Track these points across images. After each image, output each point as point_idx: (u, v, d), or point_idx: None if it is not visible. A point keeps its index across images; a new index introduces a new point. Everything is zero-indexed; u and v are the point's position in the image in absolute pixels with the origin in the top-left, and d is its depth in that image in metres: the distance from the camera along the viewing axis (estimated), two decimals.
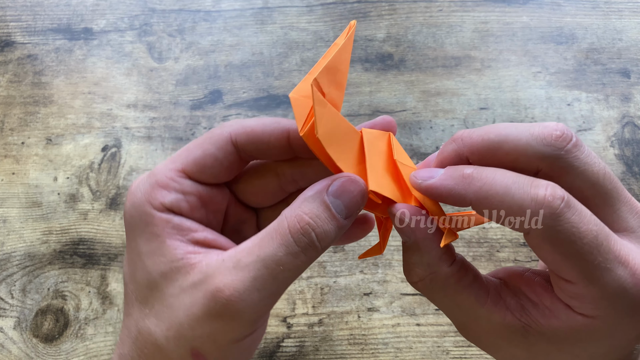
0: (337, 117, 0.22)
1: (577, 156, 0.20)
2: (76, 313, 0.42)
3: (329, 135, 0.21)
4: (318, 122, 0.20)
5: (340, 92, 0.22)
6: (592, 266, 0.19)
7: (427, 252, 0.22)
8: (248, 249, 0.21)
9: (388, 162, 0.23)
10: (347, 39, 0.22)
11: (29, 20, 0.56)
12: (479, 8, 0.56)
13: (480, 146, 0.21)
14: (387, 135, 0.24)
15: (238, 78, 0.52)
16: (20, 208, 0.46)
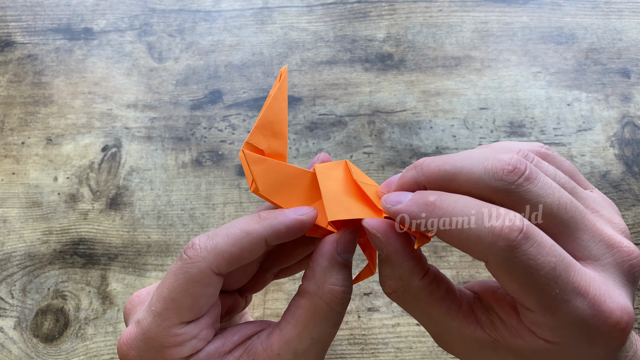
0: (280, 167, 0.23)
1: (529, 189, 0.20)
2: (76, 313, 0.42)
3: (274, 186, 0.23)
4: (257, 180, 0.23)
5: (282, 140, 0.24)
6: (549, 297, 0.19)
7: (398, 266, 0.22)
8: (297, 336, 0.22)
9: (350, 186, 0.24)
10: (278, 88, 0.23)
11: (29, 20, 0.56)
12: (479, 8, 0.56)
13: (436, 176, 0.21)
14: (343, 163, 0.25)
15: (238, 78, 0.52)
16: (21, 208, 0.46)
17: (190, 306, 0.22)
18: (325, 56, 0.53)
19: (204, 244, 0.22)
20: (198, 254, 0.22)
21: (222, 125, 0.50)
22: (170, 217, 0.45)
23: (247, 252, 0.22)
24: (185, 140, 0.49)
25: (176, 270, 0.22)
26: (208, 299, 0.22)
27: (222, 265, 0.22)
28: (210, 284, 0.22)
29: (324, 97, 0.51)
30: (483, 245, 0.19)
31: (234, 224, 0.23)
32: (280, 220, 0.23)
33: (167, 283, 0.22)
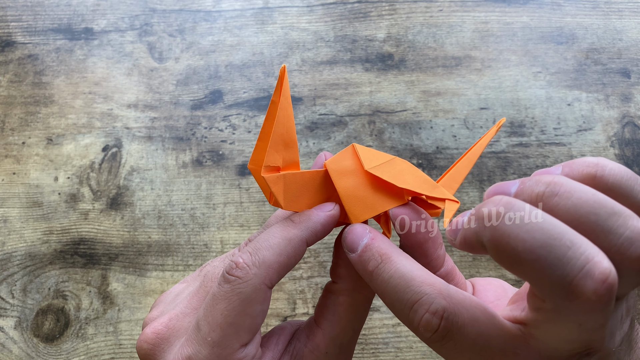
0: (296, 177, 0.23)
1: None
2: (77, 313, 0.42)
3: (294, 197, 0.23)
4: (279, 198, 0.23)
5: (293, 147, 0.24)
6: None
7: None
8: (342, 331, 0.23)
9: (365, 176, 0.24)
10: (282, 95, 0.23)
11: (29, 20, 0.56)
12: (479, 8, 0.56)
13: (495, 247, 0.17)
14: (352, 149, 0.24)
15: (238, 78, 0.52)
16: (21, 208, 0.46)
17: (250, 326, 0.21)
18: (325, 56, 0.53)
19: (250, 261, 0.21)
20: (248, 272, 0.21)
21: (223, 125, 0.50)
22: (170, 217, 0.45)
23: (293, 258, 0.22)
24: (186, 140, 0.49)
25: (226, 293, 0.21)
26: (263, 314, 0.22)
27: (274, 277, 0.22)
28: (265, 300, 0.22)
29: (324, 97, 0.51)
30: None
31: (272, 233, 0.22)
32: (315, 220, 0.23)
33: (220, 309, 0.21)
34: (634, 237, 0.16)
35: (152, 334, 0.23)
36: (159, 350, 0.23)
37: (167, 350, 0.22)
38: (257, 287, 0.21)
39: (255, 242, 0.22)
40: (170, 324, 0.23)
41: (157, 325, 0.23)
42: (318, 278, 0.42)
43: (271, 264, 0.21)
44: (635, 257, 0.16)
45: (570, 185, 0.17)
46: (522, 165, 0.47)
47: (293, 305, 0.42)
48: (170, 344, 0.23)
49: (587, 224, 0.16)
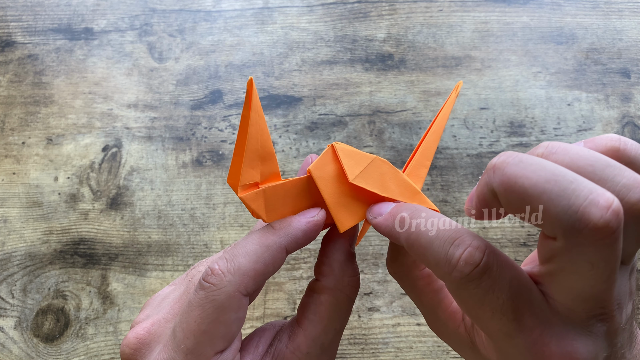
0: (277, 189, 0.23)
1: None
2: (77, 313, 0.42)
3: (276, 208, 0.23)
4: (260, 213, 0.23)
5: (271, 159, 0.23)
6: (496, 331, 0.19)
7: (403, 255, 0.23)
8: (322, 330, 0.23)
9: (349, 183, 0.23)
10: (253, 110, 0.23)
11: (29, 20, 0.56)
12: (479, 8, 0.56)
13: (505, 189, 0.18)
14: (331, 150, 0.24)
15: (238, 78, 0.52)
16: (21, 208, 0.46)
17: (224, 334, 0.21)
18: (325, 56, 0.53)
19: (225, 267, 0.21)
20: (222, 279, 0.21)
21: (223, 125, 0.50)
22: (170, 217, 0.45)
23: (271, 265, 0.22)
24: (186, 140, 0.49)
25: (200, 300, 0.21)
26: (239, 322, 0.21)
27: (250, 285, 0.21)
28: (240, 307, 0.21)
29: (324, 97, 0.51)
30: (440, 272, 0.19)
31: (250, 240, 0.22)
32: (296, 227, 0.22)
33: (194, 316, 0.21)
34: (630, 184, 0.16)
35: (134, 339, 0.23)
36: (140, 355, 0.23)
37: (147, 355, 0.22)
38: (231, 295, 0.21)
39: (233, 248, 0.22)
40: (152, 329, 0.23)
41: (139, 330, 0.23)
42: None
43: (247, 271, 0.21)
44: (635, 201, 0.16)
45: (567, 145, 0.18)
46: None
47: (293, 305, 0.42)
48: (151, 349, 0.22)
49: (585, 173, 0.17)
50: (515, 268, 0.19)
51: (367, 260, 0.43)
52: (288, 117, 0.50)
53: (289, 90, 0.51)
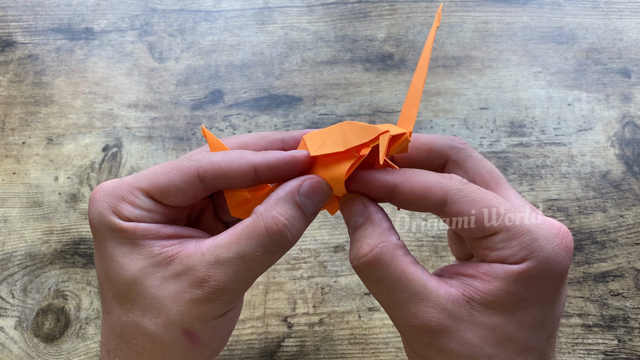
0: (265, 196, 0.25)
1: (472, 154, 0.26)
2: (77, 313, 0.42)
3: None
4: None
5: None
6: (501, 210, 0.23)
7: (378, 224, 0.24)
8: (226, 245, 0.23)
9: (318, 160, 0.25)
10: (213, 148, 0.26)
11: (29, 20, 0.56)
12: (479, 8, 0.56)
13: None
14: (302, 142, 0.26)
15: (239, 78, 0.52)
16: (21, 208, 0.46)
17: (161, 185, 0.24)
18: (325, 56, 0.53)
19: (201, 153, 0.25)
20: (195, 157, 0.24)
21: (223, 125, 0.50)
22: None
23: (235, 171, 0.24)
24: (186, 140, 0.49)
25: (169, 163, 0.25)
26: (178, 192, 0.24)
27: (208, 172, 0.24)
28: (188, 181, 0.24)
29: (324, 97, 0.51)
30: (440, 185, 0.23)
31: (230, 151, 0.25)
32: (273, 153, 0.25)
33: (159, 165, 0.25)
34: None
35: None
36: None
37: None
38: (191, 172, 0.24)
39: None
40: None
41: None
42: (318, 278, 0.42)
43: (215, 161, 0.24)
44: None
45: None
46: (522, 165, 0.47)
47: (293, 305, 0.42)
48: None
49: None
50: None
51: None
52: (288, 117, 0.50)
53: (289, 90, 0.51)
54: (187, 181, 0.24)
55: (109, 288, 0.25)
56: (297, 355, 0.40)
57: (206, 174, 0.24)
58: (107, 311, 0.25)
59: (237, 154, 0.24)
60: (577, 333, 0.40)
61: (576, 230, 0.44)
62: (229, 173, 0.24)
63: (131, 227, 0.24)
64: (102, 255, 0.25)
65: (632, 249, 0.43)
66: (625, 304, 0.41)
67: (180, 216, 0.26)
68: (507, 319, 0.23)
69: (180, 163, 0.24)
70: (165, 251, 0.23)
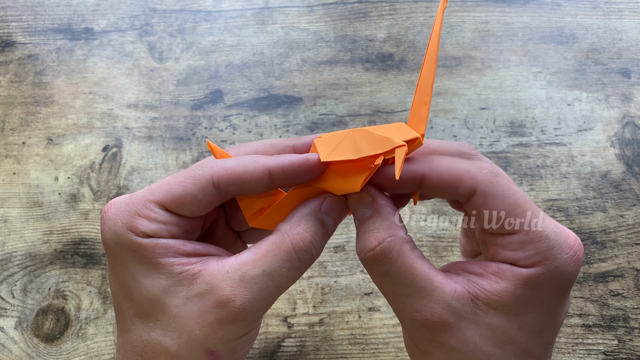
0: (280, 204, 0.25)
1: (482, 160, 0.26)
2: (77, 313, 0.42)
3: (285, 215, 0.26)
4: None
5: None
6: (528, 214, 0.23)
7: (386, 217, 0.24)
8: (252, 262, 0.23)
9: (330, 166, 0.25)
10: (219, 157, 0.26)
11: (29, 20, 0.56)
12: (479, 8, 0.56)
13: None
14: (313, 146, 0.25)
15: (239, 78, 0.52)
16: (21, 208, 0.46)
17: (176, 196, 0.23)
18: (325, 56, 0.53)
19: (212, 162, 0.25)
20: (208, 164, 0.24)
21: (223, 125, 0.50)
22: None
23: (250, 175, 0.24)
24: (186, 140, 0.49)
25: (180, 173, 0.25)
26: (193, 200, 0.23)
27: (222, 178, 0.24)
28: (203, 189, 0.23)
29: (324, 97, 0.51)
30: (470, 174, 0.23)
31: (245, 156, 0.25)
32: (287, 157, 0.24)
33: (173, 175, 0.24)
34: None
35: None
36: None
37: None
38: (205, 178, 0.24)
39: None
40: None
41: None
42: (318, 278, 0.42)
43: (229, 167, 0.23)
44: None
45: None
46: (523, 165, 0.47)
47: (293, 305, 0.42)
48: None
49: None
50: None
51: None
52: (288, 117, 0.50)
53: (290, 90, 0.51)
54: (201, 189, 0.23)
55: (129, 307, 0.24)
56: (297, 355, 0.40)
57: (220, 179, 0.23)
58: (125, 329, 0.25)
59: (250, 158, 0.24)
60: (577, 333, 0.40)
61: (576, 230, 0.44)
62: (243, 177, 0.23)
63: (150, 245, 0.23)
64: (120, 275, 0.24)
65: (632, 249, 0.43)
66: (625, 304, 0.41)
67: (195, 227, 0.26)
68: (509, 321, 0.23)
69: (193, 171, 0.24)
70: (187, 270, 0.23)
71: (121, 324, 0.25)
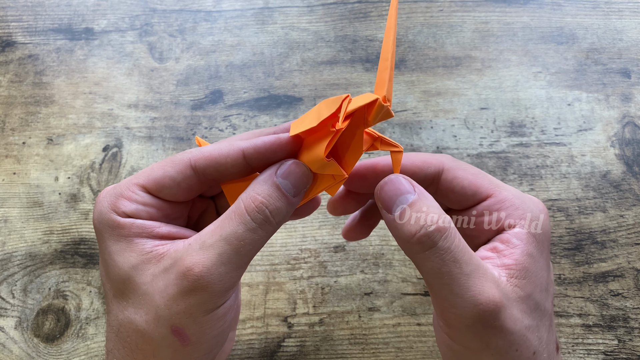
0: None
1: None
2: (77, 313, 0.42)
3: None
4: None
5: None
6: (493, 180, 0.28)
7: (433, 200, 0.25)
8: (211, 231, 0.24)
9: (300, 141, 0.26)
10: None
11: (30, 20, 0.56)
12: (479, 8, 0.56)
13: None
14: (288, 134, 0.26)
15: (239, 78, 0.52)
16: (22, 208, 0.46)
17: (157, 178, 0.25)
18: (326, 56, 0.53)
19: (195, 148, 0.26)
20: (188, 151, 0.25)
21: (223, 125, 0.50)
22: None
23: (224, 157, 0.25)
24: (186, 140, 0.49)
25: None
26: (172, 183, 0.25)
27: (199, 161, 0.25)
28: (182, 172, 0.25)
29: (324, 97, 0.51)
30: (436, 158, 0.28)
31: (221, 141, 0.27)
32: (261, 138, 0.25)
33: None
34: None
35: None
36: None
37: None
38: (179, 162, 0.25)
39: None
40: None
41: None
42: (318, 278, 0.42)
43: (205, 150, 0.25)
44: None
45: None
46: (523, 165, 0.47)
47: (293, 305, 0.42)
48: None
49: None
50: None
51: (368, 260, 0.43)
52: (289, 117, 0.50)
53: (290, 90, 0.51)
54: (180, 171, 0.25)
55: (109, 287, 0.25)
56: (297, 355, 0.40)
57: (198, 162, 0.25)
58: (108, 311, 0.26)
59: (226, 142, 0.25)
60: (577, 333, 0.40)
61: (576, 230, 0.44)
62: (219, 159, 0.25)
63: (127, 223, 0.24)
64: (102, 255, 0.25)
65: (632, 249, 0.43)
66: (625, 304, 0.41)
67: (178, 214, 0.27)
68: (532, 285, 0.24)
69: (174, 156, 0.25)
70: (156, 249, 0.24)
71: (107, 307, 0.26)
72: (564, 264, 0.43)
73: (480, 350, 0.24)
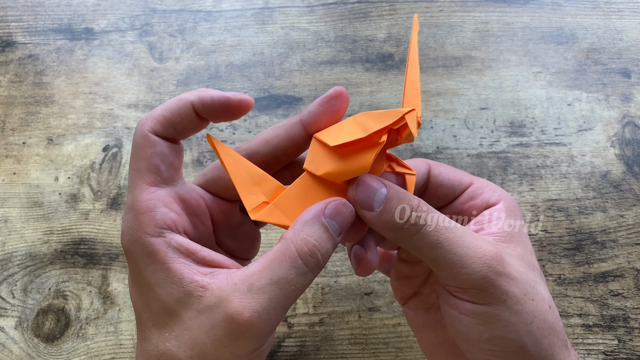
0: (286, 196, 0.26)
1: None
2: (77, 313, 0.42)
3: (297, 209, 0.26)
4: (282, 221, 0.26)
5: (264, 179, 0.26)
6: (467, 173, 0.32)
7: (402, 189, 0.26)
8: (259, 272, 0.23)
9: (337, 152, 0.25)
10: (222, 158, 0.26)
11: (30, 20, 0.56)
12: (479, 8, 0.56)
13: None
14: (315, 141, 0.26)
15: (239, 78, 0.52)
16: (22, 208, 0.46)
17: (148, 167, 0.25)
18: (326, 56, 0.53)
19: (145, 116, 0.26)
20: (140, 125, 0.25)
21: (223, 125, 0.50)
22: None
23: (177, 114, 0.25)
24: (186, 140, 0.49)
25: (131, 147, 0.26)
26: (161, 159, 0.25)
27: (157, 127, 0.25)
28: (155, 144, 0.25)
29: None
30: (422, 161, 0.30)
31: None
32: (209, 92, 0.25)
33: (130, 161, 0.26)
34: None
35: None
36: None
37: None
38: (143, 134, 0.25)
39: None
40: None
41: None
42: (318, 278, 0.42)
43: (156, 117, 0.25)
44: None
45: None
46: (523, 165, 0.47)
47: (293, 305, 0.42)
48: None
49: None
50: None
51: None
52: (289, 117, 0.50)
53: (290, 90, 0.51)
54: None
55: (148, 317, 0.25)
56: (297, 355, 0.40)
57: (155, 130, 0.26)
58: (144, 338, 0.25)
59: (174, 99, 0.26)
60: (577, 333, 0.40)
61: (576, 230, 0.44)
62: (172, 118, 0.25)
63: (162, 244, 0.24)
64: (138, 285, 0.25)
65: (632, 249, 0.43)
66: (625, 304, 0.41)
67: (202, 213, 0.28)
68: (522, 247, 0.27)
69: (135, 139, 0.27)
70: (196, 281, 0.23)
71: (141, 333, 0.26)
72: (564, 264, 0.43)
73: (501, 302, 0.24)
